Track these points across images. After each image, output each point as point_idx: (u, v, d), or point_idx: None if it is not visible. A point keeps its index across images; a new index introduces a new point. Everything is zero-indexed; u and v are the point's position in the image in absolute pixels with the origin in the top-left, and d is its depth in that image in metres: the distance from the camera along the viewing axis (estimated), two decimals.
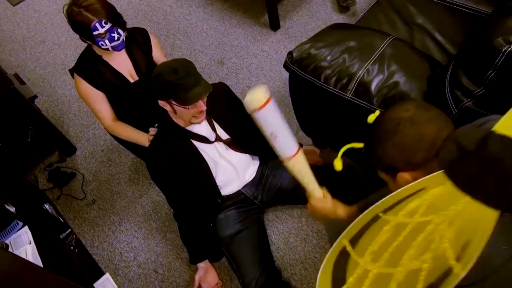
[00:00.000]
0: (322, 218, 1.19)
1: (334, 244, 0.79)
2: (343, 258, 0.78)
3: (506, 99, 1.07)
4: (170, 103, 1.40)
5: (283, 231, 1.86)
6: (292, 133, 1.21)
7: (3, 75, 2.13)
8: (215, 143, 1.57)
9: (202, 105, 1.40)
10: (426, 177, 0.73)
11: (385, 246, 0.74)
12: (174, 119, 1.52)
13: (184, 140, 1.53)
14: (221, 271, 1.80)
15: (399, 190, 0.75)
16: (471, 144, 0.67)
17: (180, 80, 1.32)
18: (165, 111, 1.50)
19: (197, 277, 1.71)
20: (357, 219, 0.77)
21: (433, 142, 0.77)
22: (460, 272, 0.66)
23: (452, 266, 0.67)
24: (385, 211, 0.75)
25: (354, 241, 0.77)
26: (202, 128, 1.55)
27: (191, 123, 1.49)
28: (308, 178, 1.24)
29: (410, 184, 0.74)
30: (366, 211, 0.76)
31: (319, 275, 0.81)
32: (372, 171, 0.93)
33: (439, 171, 0.72)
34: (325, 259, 0.79)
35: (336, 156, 1.05)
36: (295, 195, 1.67)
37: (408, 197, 0.74)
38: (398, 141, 0.81)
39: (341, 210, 1.15)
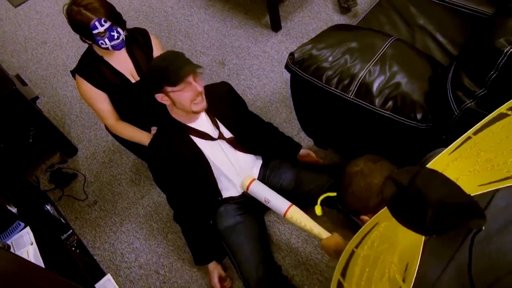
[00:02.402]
0: (336, 254, 1.32)
1: (332, 279, 0.92)
2: None
3: (508, 99, 1.07)
4: (166, 94, 1.40)
5: (284, 232, 1.86)
6: (279, 196, 1.57)
7: (5, 76, 2.14)
8: (219, 141, 1.57)
9: (196, 85, 1.40)
10: (378, 213, 0.87)
11: (361, 275, 0.87)
12: (174, 115, 1.51)
13: (184, 136, 1.52)
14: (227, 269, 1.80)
15: (362, 227, 0.89)
16: (405, 180, 0.80)
17: (168, 62, 1.37)
18: (165, 109, 1.50)
19: (215, 280, 1.68)
20: (341, 255, 0.90)
21: (380, 188, 0.90)
22: None
23: (401, 286, 0.80)
24: (356, 246, 0.88)
25: (343, 275, 0.90)
26: (204, 124, 1.54)
27: (193, 113, 1.47)
28: (310, 224, 1.45)
29: (368, 221, 0.89)
30: (345, 248, 0.90)
31: None
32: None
33: (385, 207, 0.84)
34: None
35: (339, 160, 1.15)
36: (296, 195, 1.67)
37: (369, 232, 0.88)
38: (353, 191, 0.97)
39: None
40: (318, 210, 1.27)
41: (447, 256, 0.79)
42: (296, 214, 1.49)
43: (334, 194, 1.08)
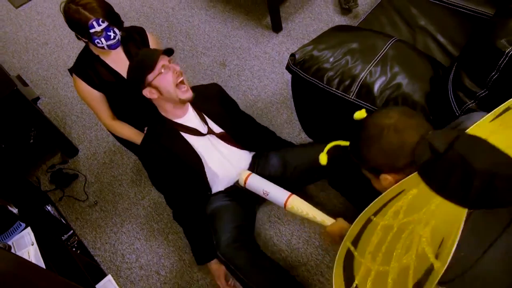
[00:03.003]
0: (341, 240, 1.26)
1: (341, 247, 0.83)
2: (349, 259, 0.82)
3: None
4: (150, 85, 1.43)
5: (285, 233, 1.86)
6: (278, 187, 1.53)
7: (6, 77, 2.14)
8: (208, 135, 1.58)
9: (175, 66, 1.44)
10: (404, 179, 0.78)
11: (379, 246, 0.78)
12: (163, 113, 1.53)
13: (174, 133, 1.54)
14: None
15: (383, 194, 0.80)
16: (441, 146, 0.71)
17: (142, 54, 1.44)
18: (154, 107, 1.52)
19: (222, 280, 1.66)
20: (354, 222, 0.82)
21: (413, 148, 0.80)
22: (440, 268, 0.69)
23: (433, 263, 0.70)
24: (375, 214, 0.80)
25: (355, 243, 0.82)
26: (192, 120, 1.56)
27: (181, 101, 1.48)
28: (312, 212, 1.41)
29: (392, 187, 0.80)
30: (360, 214, 0.81)
31: (333, 275, 0.86)
32: (355, 167, 0.97)
33: (415, 173, 0.75)
34: (336, 261, 0.84)
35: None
36: (284, 179, 1.65)
37: (391, 199, 0.79)
38: (382, 147, 0.85)
39: None
40: (323, 158, 1.10)
41: (491, 236, 0.72)
42: (297, 203, 1.46)
43: (347, 143, 0.96)
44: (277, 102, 2.31)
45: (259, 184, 1.58)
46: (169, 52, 1.45)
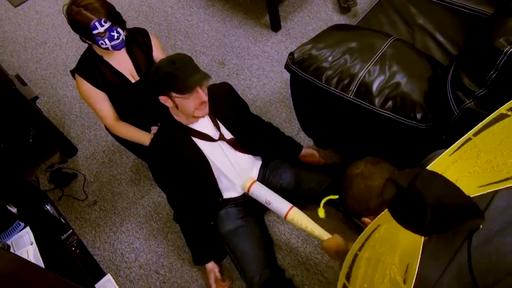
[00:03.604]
0: (337, 255, 1.34)
1: (338, 282, 0.92)
2: None
3: (508, 99, 1.07)
4: (170, 97, 1.39)
5: (284, 232, 1.86)
6: (280, 197, 1.57)
7: (4, 76, 2.14)
8: (219, 142, 1.57)
9: (202, 95, 1.38)
10: (379, 215, 0.87)
11: (364, 277, 0.88)
12: (176, 117, 1.51)
13: (185, 137, 1.52)
14: (227, 270, 1.80)
15: (364, 230, 0.90)
16: (405, 182, 0.80)
17: (177, 70, 1.33)
18: (167, 109, 1.50)
19: (212, 280, 1.68)
20: (345, 259, 0.91)
21: (380, 190, 0.90)
22: None
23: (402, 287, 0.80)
24: (359, 249, 0.89)
25: (348, 277, 0.90)
26: (206, 126, 1.54)
27: (195, 117, 1.47)
28: (311, 225, 1.46)
29: (370, 223, 0.89)
30: (349, 251, 0.91)
31: None
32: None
33: (386, 210, 0.85)
34: None
35: (339, 160, 1.15)
36: (296, 195, 1.67)
37: (370, 234, 0.89)
38: (353, 193, 0.99)
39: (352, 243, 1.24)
40: (321, 213, 1.28)
41: (447, 257, 0.80)
42: (297, 216, 1.50)
43: (336, 196, 1.08)
44: (276, 101, 2.31)
45: (262, 193, 1.60)
46: (206, 77, 1.38)
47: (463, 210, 0.76)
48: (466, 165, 0.86)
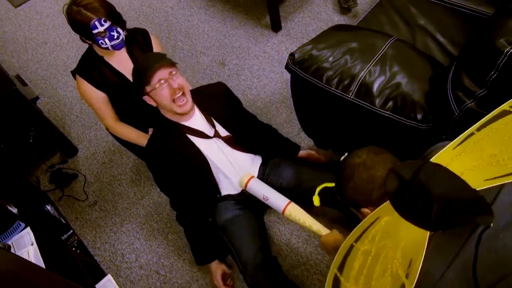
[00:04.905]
0: (335, 251, 1.31)
1: (328, 274, 0.90)
2: (336, 285, 0.89)
3: (508, 100, 1.07)
4: (148, 94, 1.43)
5: (285, 232, 1.86)
6: (278, 193, 1.55)
7: (5, 77, 2.14)
8: (215, 139, 1.57)
9: (172, 82, 1.40)
10: (378, 208, 0.86)
11: (361, 269, 0.86)
12: (165, 114, 1.52)
13: (179, 135, 1.53)
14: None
15: (362, 222, 0.88)
16: (408, 174, 0.78)
17: (144, 63, 1.40)
18: (157, 109, 1.52)
19: (218, 278, 1.68)
20: (339, 249, 0.89)
21: (383, 181, 0.88)
22: (409, 286, 0.78)
23: (404, 283, 0.79)
24: (356, 241, 0.88)
25: (341, 269, 0.89)
26: (198, 122, 1.55)
27: (179, 114, 1.48)
28: (309, 221, 1.45)
29: (369, 215, 0.88)
30: (343, 242, 0.89)
31: None
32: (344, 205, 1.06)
33: (387, 201, 0.83)
34: (325, 285, 0.91)
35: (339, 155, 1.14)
36: (296, 193, 1.67)
37: (369, 226, 0.87)
38: (355, 183, 0.94)
39: None
40: (316, 200, 1.23)
41: (452, 253, 0.78)
42: (295, 211, 1.49)
43: (332, 184, 1.05)
44: (276, 102, 2.31)
45: (259, 189, 1.59)
46: (168, 64, 1.41)
47: (472, 205, 0.73)
48: (470, 159, 0.84)
